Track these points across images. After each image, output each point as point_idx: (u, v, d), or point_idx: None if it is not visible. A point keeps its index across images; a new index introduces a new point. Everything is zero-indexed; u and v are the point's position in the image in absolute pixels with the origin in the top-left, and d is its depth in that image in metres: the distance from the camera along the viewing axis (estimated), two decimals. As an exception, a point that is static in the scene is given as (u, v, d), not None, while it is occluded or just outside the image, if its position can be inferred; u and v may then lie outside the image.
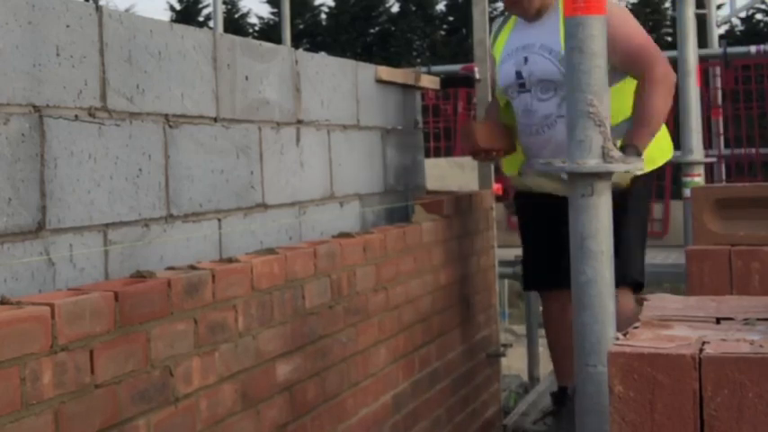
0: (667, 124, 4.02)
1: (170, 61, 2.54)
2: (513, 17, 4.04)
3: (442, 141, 8.89)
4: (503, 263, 4.79)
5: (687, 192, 4.67)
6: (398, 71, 4.07)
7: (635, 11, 18.23)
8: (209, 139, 2.70)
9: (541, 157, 3.70)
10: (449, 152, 8.54)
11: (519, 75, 3.89)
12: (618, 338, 1.37)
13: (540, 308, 4.70)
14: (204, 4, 20.67)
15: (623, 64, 3.69)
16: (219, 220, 2.72)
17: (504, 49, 4.00)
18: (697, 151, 4.71)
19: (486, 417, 4.38)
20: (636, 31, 3.84)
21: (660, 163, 3.97)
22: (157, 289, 2.12)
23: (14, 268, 2.03)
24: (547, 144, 3.79)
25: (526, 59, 3.89)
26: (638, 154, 3.50)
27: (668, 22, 18.00)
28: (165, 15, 21.00)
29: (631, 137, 3.60)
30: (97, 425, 1.92)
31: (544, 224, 4.04)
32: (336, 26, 19.73)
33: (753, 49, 6.71)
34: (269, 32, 18.43)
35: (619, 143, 3.47)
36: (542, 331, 4.53)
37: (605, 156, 2.30)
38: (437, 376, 3.74)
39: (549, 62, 3.81)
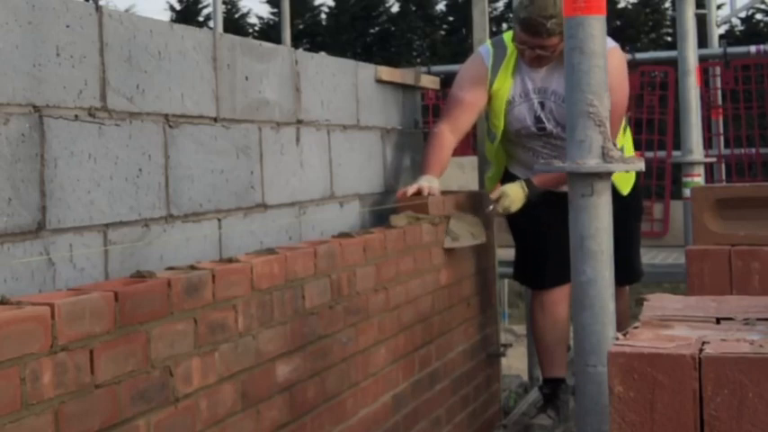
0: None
1: (170, 61, 2.54)
2: (513, 56, 4.01)
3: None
4: (503, 263, 4.79)
5: (687, 192, 4.67)
6: (398, 71, 4.07)
7: (635, 11, 18.26)
8: (209, 139, 2.70)
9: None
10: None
11: (538, 119, 3.98)
12: (618, 338, 1.37)
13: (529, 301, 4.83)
14: (204, 4, 20.65)
15: None
16: (219, 220, 2.73)
17: (513, 90, 4.01)
18: (697, 151, 4.71)
19: (486, 417, 4.38)
20: (624, 99, 3.99)
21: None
22: (157, 289, 2.12)
23: (14, 268, 2.03)
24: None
25: (543, 105, 3.96)
26: (537, 192, 3.92)
27: (668, 22, 17.99)
28: (165, 15, 21.00)
29: (540, 181, 3.93)
30: (97, 425, 1.92)
31: (545, 223, 4.08)
32: (336, 26, 19.72)
33: (753, 49, 6.70)
34: (269, 32, 18.42)
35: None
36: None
37: (605, 156, 2.30)
38: (437, 376, 3.74)
39: (564, 110, 3.88)
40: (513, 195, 3.89)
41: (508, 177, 4.23)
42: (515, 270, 4.43)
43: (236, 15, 20.44)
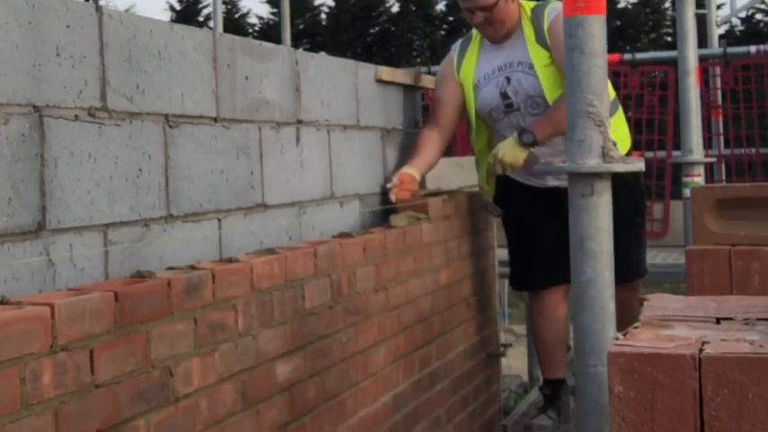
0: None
1: (170, 61, 2.54)
2: (476, 42, 4.04)
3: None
4: (503, 263, 4.79)
5: (687, 192, 4.67)
6: (398, 71, 4.07)
7: (635, 11, 18.26)
8: (209, 139, 2.70)
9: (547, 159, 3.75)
10: (449, 152, 8.52)
11: (505, 95, 3.93)
12: (618, 338, 1.37)
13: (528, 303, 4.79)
14: (204, 4, 20.66)
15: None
16: (219, 220, 2.72)
17: (477, 74, 4.01)
18: (697, 151, 4.71)
19: (486, 417, 4.38)
20: None
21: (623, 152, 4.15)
22: (157, 289, 2.12)
23: (14, 268, 2.03)
24: (549, 150, 3.82)
25: (508, 79, 3.93)
26: (535, 141, 3.74)
27: (668, 22, 18.00)
28: (165, 15, 21.00)
29: (534, 125, 3.76)
30: (97, 425, 1.92)
31: (537, 223, 4.07)
32: (336, 26, 19.72)
33: (753, 49, 6.70)
34: (269, 32, 18.42)
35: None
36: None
37: (605, 156, 2.30)
38: (437, 376, 3.74)
39: (533, 77, 3.87)
40: (508, 147, 3.77)
41: (499, 178, 4.22)
42: (511, 276, 4.39)
43: (236, 15, 20.44)
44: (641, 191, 4.37)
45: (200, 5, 20.90)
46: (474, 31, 4.09)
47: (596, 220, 2.32)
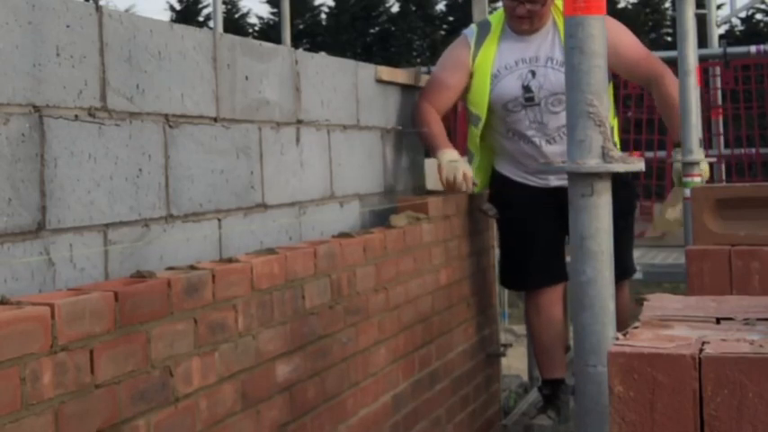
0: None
1: (170, 61, 2.54)
2: (496, 30, 4.01)
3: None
4: (502, 263, 4.79)
5: (687, 192, 4.66)
6: (398, 71, 4.07)
7: (635, 11, 18.28)
8: (209, 139, 2.70)
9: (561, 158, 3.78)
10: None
11: (527, 89, 3.90)
12: (618, 338, 1.37)
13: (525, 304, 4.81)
14: (204, 4, 20.68)
15: (631, 69, 3.89)
16: (219, 220, 2.73)
17: (497, 63, 3.97)
18: (697, 151, 4.71)
19: (486, 417, 4.38)
20: (637, 42, 4.04)
21: None
22: (157, 289, 2.12)
23: (14, 268, 2.03)
24: (561, 149, 3.83)
25: (533, 73, 3.90)
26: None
27: (668, 22, 18.02)
28: (165, 15, 21.01)
29: (677, 135, 3.97)
30: (97, 425, 1.92)
31: (535, 223, 4.07)
32: (336, 26, 19.73)
33: (753, 49, 6.70)
34: (269, 32, 18.43)
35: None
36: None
37: (605, 156, 2.29)
38: (437, 376, 3.74)
39: (563, 74, 3.84)
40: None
41: (496, 178, 4.21)
42: (501, 274, 4.38)
43: (236, 15, 20.45)
44: (635, 189, 4.41)
45: (200, 5, 20.91)
46: (493, 19, 4.05)
47: (596, 220, 2.32)
